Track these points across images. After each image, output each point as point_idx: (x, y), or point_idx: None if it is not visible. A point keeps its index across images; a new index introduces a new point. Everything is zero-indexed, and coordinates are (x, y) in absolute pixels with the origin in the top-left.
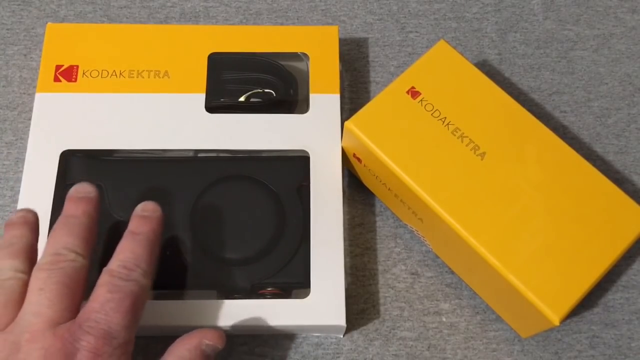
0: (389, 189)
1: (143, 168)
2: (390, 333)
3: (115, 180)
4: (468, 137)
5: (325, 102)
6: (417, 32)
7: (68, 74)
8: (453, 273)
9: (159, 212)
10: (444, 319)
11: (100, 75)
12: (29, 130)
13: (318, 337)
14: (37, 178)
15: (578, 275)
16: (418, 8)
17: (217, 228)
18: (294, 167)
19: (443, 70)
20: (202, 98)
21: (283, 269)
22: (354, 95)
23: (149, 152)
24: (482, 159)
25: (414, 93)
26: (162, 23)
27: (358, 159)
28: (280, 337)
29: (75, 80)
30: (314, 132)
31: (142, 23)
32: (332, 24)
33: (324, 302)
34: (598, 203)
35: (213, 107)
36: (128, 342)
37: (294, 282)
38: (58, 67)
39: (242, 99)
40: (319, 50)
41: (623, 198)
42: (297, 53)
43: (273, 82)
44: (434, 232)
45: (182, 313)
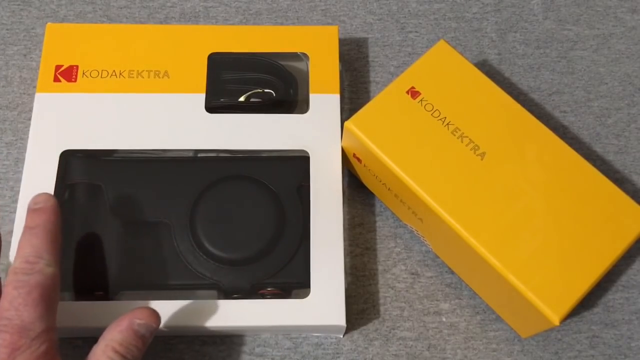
0: (389, 189)
1: (143, 168)
2: (390, 333)
3: (115, 180)
4: (468, 137)
5: (325, 102)
6: (417, 32)
7: (68, 74)
8: (453, 273)
9: (52, 200)
10: (444, 319)
11: (100, 76)
12: (29, 130)
13: (318, 337)
14: (37, 178)
15: (578, 275)
16: (418, 8)
17: (217, 228)
18: (294, 167)
19: (443, 70)
20: (202, 98)
21: (283, 269)
22: (354, 95)
23: (149, 152)
24: (482, 159)
25: (414, 93)
26: (162, 23)
27: (358, 159)
28: (280, 337)
29: (75, 81)
30: (314, 132)
31: (142, 23)
32: (332, 24)
33: (324, 302)
34: (598, 203)
35: (213, 107)
36: (46, 330)
37: (294, 282)
38: (58, 67)
39: (242, 99)
40: (319, 50)
41: (623, 198)
42: (297, 53)
43: (273, 82)
44: (434, 232)
45: (182, 313)
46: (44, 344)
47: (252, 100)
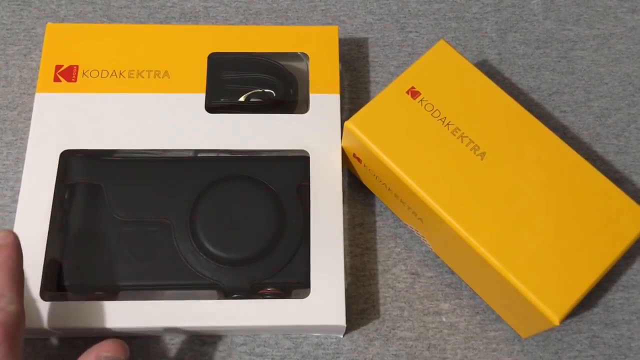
0: (389, 189)
1: (143, 168)
2: (390, 333)
3: (115, 180)
4: (468, 137)
5: (325, 102)
6: (417, 32)
7: (68, 74)
8: (453, 273)
9: (11, 236)
10: (444, 319)
11: (100, 75)
12: (29, 130)
13: (318, 337)
14: (37, 178)
15: (578, 275)
16: (418, 8)
17: (217, 228)
18: (294, 167)
19: (443, 70)
20: (202, 98)
21: (283, 269)
22: (354, 95)
23: (149, 152)
24: (482, 159)
25: (414, 93)
26: (162, 23)
27: (358, 159)
28: (280, 337)
29: (75, 80)
30: (314, 132)
31: (142, 23)
32: (332, 24)
33: (324, 302)
34: (598, 203)
35: (213, 107)
36: None
37: (294, 282)
38: (58, 67)
39: (242, 99)
40: (319, 50)
41: (623, 198)
42: (297, 53)
43: (273, 82)
44: (434, 232)
45: (182, 313)
46: None
47: (252, 100)
